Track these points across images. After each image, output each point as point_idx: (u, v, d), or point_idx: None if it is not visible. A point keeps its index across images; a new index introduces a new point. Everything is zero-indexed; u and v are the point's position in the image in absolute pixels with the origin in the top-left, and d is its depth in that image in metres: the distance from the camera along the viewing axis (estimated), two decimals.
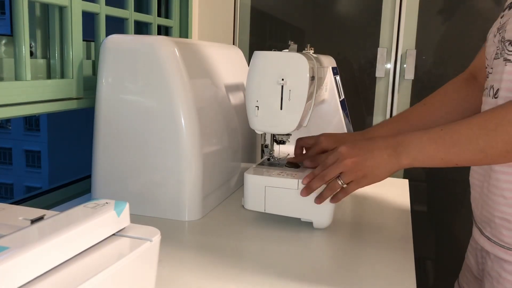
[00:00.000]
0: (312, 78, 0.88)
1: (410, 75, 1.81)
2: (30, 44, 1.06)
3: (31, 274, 0.37)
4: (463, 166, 0.73)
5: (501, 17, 0.79)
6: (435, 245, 1.98)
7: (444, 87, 1.00)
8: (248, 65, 0.88)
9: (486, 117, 0.70)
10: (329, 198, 0.83)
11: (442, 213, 1.94)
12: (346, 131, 1.14)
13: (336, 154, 0.79)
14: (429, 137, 0.73)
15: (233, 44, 1.95)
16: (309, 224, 0.90)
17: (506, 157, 0.68)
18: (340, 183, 0.80)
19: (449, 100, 0.97)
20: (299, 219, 0.91)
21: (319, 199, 0.83)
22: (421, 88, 1.84)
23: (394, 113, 1.84)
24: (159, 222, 0.93)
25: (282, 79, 0.85)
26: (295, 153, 1.00)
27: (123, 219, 0.49)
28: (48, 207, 1.05)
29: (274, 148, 0.99)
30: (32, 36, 1.06)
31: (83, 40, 1.08)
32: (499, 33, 0.77)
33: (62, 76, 1.06)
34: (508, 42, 0.73)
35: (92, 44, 1.19)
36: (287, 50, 0.90)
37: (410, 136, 0.74)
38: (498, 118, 0.68)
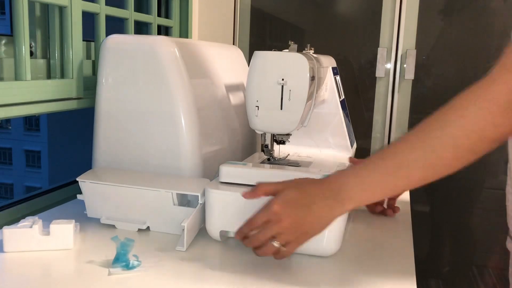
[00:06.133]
0: (312, 78, 0.88)
1: (410, 75, 1.81)
2: (30, 44, 1.06)
3: None
4: (411, 188, 0.68)
5: None
6: (435, 245, 1.98)
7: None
8: (248, 65, 0.87)
9: (427, 126, 0.62)
10: None
11: (442, 213, 1.94)
12: (346, 131, 1.14)
13: (268, 213, 0.67)
14: (369, 169, 0.65)
15: (233, 44, 1.95)
16: None
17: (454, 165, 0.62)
18: (276, 244, 0.67)
19: None
20: None
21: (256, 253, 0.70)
22: (421, 88, 1.84)
23: (394, 113, 1.84)
24: None
25: (282, 79, 0.85)
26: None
27: None
28: (48, 207, 1.05)
29: (274, 148, 0.99)
30: (32, 36, 1.06)
31: (83, 40, 1.08)
32: None
33: (62, 76, 1.06)
34: None
35: (92, 44, 1.19)
36: (287, 50, 0.90)
37: (347, 177, 0.66)
38: (440, 122, 0.61)
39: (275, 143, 0.98)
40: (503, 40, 1.71)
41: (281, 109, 0.87)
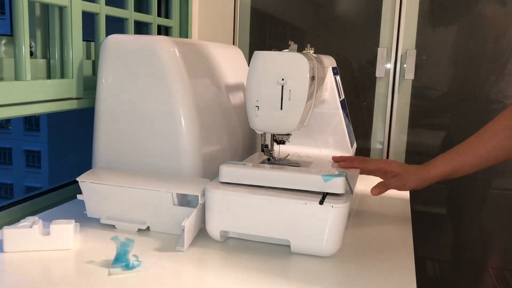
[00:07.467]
0: (312, 78, 0.88)
1: (410, 75, 1.81)
2: (30, 44, 1.06)
3: None
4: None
5: None
6: (435, 246, 1.98)
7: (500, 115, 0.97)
8: (248, 65, 0.87)
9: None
10: None
11: (442, 213, 1.94)
12: (346, 131, 1.14)
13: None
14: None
15: (233, 44, 1.95)
16: None
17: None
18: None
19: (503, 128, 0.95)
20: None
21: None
22: (421, 88, 1.84)
23: (394, 113, 1.84)
24: None
25: (282, 79, 0.85)
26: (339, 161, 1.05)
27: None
28: (48, 207, 1.05)
29: (274, 148, 0.99)
30: (32, 36, 1.06)
31: (83, 40, 1.08)
32: None
33: (62, 76, 1.06)
34: None
35: (92, 44, 1.19)
36: (287, 50, 0.90)
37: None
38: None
39: (275, 143, 0.98)
40: (498, 44, 1.72)
41: (281, 109, 0.87)
